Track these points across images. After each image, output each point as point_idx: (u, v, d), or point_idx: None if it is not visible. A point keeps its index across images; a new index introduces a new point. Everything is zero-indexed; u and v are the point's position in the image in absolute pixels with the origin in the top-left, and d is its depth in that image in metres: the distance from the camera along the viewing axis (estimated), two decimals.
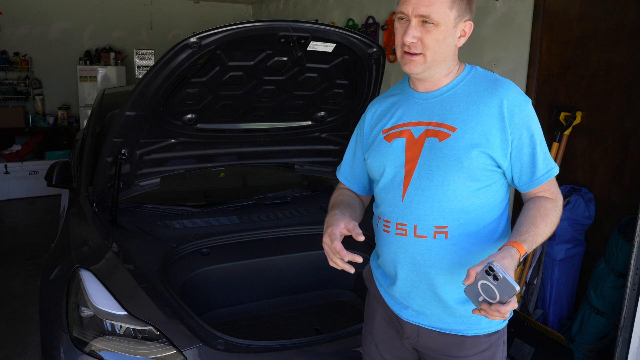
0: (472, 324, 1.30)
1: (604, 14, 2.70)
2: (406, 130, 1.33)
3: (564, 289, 2.85)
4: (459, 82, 1.31)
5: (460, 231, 1.26)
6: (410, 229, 1.29)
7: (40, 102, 6.69)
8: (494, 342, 1.33)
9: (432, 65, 1.25)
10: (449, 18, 1.22)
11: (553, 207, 1.25)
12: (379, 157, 1.37)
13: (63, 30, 6.80)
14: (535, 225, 1.20)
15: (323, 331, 2.12)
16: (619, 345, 2.22)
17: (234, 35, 1.83)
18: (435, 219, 1.26)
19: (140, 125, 2.15)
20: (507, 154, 1.24)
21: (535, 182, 1.26)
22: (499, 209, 1.31)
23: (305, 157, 2.79)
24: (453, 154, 1.24)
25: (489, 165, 1.25)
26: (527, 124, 1.24)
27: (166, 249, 2.17)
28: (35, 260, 4.09)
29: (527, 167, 1.26)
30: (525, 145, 1.24)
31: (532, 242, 1.17)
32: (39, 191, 5.93)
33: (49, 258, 2.17)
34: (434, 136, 1.28)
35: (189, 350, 1.62)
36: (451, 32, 1.24)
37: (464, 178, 1.24)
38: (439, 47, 1.23)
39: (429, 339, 1.34)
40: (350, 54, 2.09)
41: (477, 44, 3.50)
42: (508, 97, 1.24)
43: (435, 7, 1.20)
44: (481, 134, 1.23)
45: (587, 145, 2.83)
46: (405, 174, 1.31)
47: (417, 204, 1.28)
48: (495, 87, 1.27)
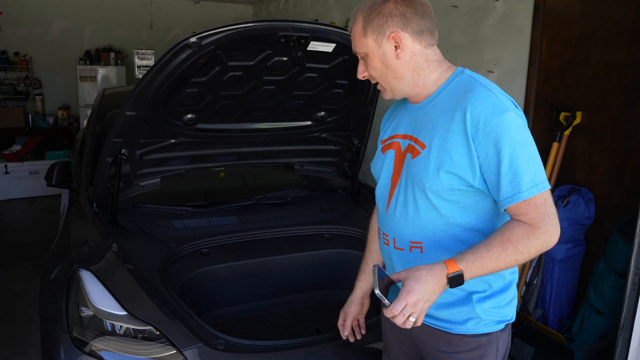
0: (457, 324, 1.30)
1: (604, 14, 2.69)
2: (395, 142, 1.35)
3: (564, 289, 2.85)
4: (441, 92, 1.26)
5: (436, 247, 1.26)
6: (391, 241, 1.34)
7: (40, 102, 6.69)
8: (484, 344, 1.31)
9: (393, 88, 1.28)
10: (370, 45, 1.24)
11: (525, 235, 1.12)
12: (374, 167, 1.43)
13: (63, 30, 6.80)
14: (489, 249, 1.12)
15: (323, 331, 2.12)
16: (619, 345, 2.22)
17: (234, 35, 1.83)
18: (409, 235, 1.29)
19: (140, 125, 2.14)
20: (475, 171, 1.16)
21: (502, 203, 1.15)
22: (485, 227, 1.25)
23: (305, 157, 2.79)
24: (420, 174, 1.23)
25: (460, 186, 1.19)
26: (495, 139, 1.12)
27: (166, 249, 2.17)
28: (35, 260, 4.08)
29: (494, 186, 1.16)
30: (492, 163, 1.14)
31: (474, 263, 1.11)
32: (39, 191, 5.92)
33: (49, 258, 2.17)
34: (410, 152, 1.28)
35: (189, 350, 1.62)
36: (380, 54, 1.24)
37: (431, 198, 1.22)
38: (382, 72, 1.27)
39: (421, 331, 1.36)
40: (350, 54, 2.08)
41: (477, 44, 3.49)
42: (472, 111, 1.14)
43: (356, 43, 1.27)
44: (446, 153, 1.18)
45: (587, 145, 2.82)
46: (391, 186, 1.35)
47: (395, 218, 1.32)
48: (463, 98, 1.18)
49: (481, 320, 1.28)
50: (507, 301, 1.32)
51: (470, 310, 1.28)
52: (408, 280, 1.12)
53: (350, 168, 2.82)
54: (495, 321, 1.30)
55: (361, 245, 2.63)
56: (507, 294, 1.32)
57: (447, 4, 3.65)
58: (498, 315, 1.30)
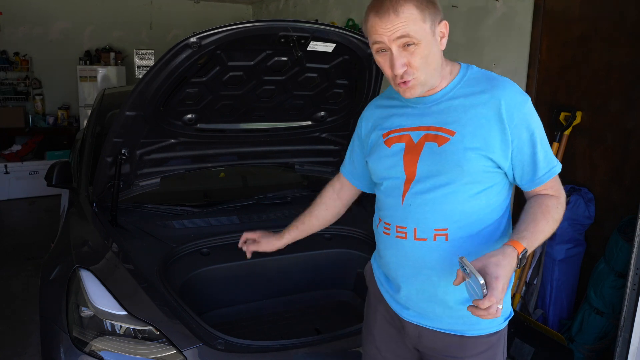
0: (472, 324, 1.30)
1: (604, 14, 2.70)
2: (405, 135, 1.33)
3: (564, 289, 2.85)
4: (456, 85, 1.28)
5: (461, 233, 1.26)
6: (410, 232, 1.30)
7: (40, 102, 6.69)
8: (495, 343, 1.33)
9: (427, 80, 1.24)
10: (426, 31, 1.18)
11: (555, 205, 1.24)
12: (379, 161, 1.38)
13: (63, 30, 6.80)
14: (536, 223, 1.19)
15: (323, 331, 2.12)
16: (619, 345, 2.22)
17: (234, 35, 1.83)
18: (435, 222, 1.27)
19: (140, 125, 2.14)
20: (507, 155, 1.23)
21: (537, 181, 1.26)
22: (500, 210, 1.31)
23: (305, 157, 2.78)
24: (453, 157, 1.24)
25: (490, 167, 1.24)
26: (527, 123, 1.23)
27: (166, 249, 2.17)
28: (35, 260, 4.08)
29: (529, 166, 1.25)
30: (526, 145, 1.23)
31: (531, 239, 1.15)
32: (39, 191, 5.91)
33: (49, 258, 2.17)
34: (434, 140, 1.27)
35: (189, 350, 1.62)
36: (433, 42, 1.21)
37: (464, 181, 1.24)
38: (427, 62, 1.21)
39: (430, 339, 1.34)
40: (350, 54, 2.09)
41: (477, 44, 3.50)
42: (506, 98, 1.22)
43: (410, 26, 1.16)
44: (480, 137, 1.22)
45: (587, 145, 2.83)
46: (406, 178, 1.31)
47: (417, 207, 1.29)
48: (493, 87, 1.25)
49: (493, 319, 1.28)
50: (509, 296, 1.35)
51: None
52: (488, 268, 1.05)
53: None
54: (503, 318, 1.33)
55: (361, 245, 2.65)
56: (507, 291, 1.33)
57: (447, 4, 3.65)
58: (504, 312, 1.33)
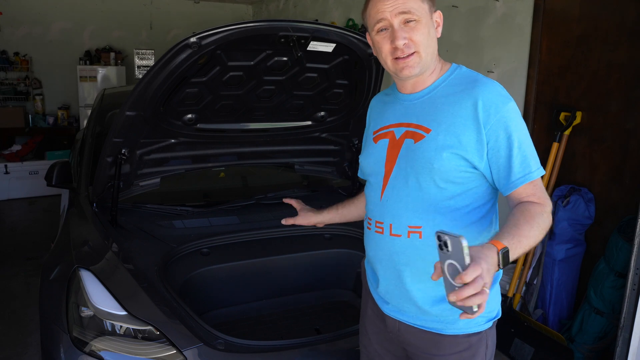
0: (449, 323, 1.29)
1: (604, 14, 2.70)
2: (390, 131, 1.36)
3: (564, 289, 2.85)
4: (442, 83, 1.30)
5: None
6: (387, 228, 1.32)
7: (40, 102, 6.69)
8: (474, 343, 1.31)
9: (426, 61, 1.27)
10: (425, 10, 1.25)
11: (539, 212, 1.17)
12: (366, 157, 1.43)
13: (63, 30, 6.80)
14: (518, 227, 1.12)
15: (323, 331, 2.12)
16: (619, 345, 2.22)
17: (234, 35, 1.83)
18: (409, 219, 1.28)
19: (140, 125, 2.14)
20: (483, 155, 1.22)
21: (512, 185, 1.21)
22: (480, 212, 1.29)
23: (305, 157, 2.79)
24: (425, 155, 1.25)
25: (464, 167, 1.23)
26: (505, 125, 1.20)
27: (166, 249, 2.16)
28: (35, 260, 4.08)
29: (504, 169, 1.22)
30: (502, 147, 1.21)
31: (513, 240, 1.08)
32: (39, 191, 5.92)
33: (49, 258, 2.17)
34: (411, 137, 1.29)
35: (189, 350, 1.62)
36: (430, 25, 1.27)
37: (437, 180, 1.24)
38: (427, 41, 1.26)
39: (408, 334, 1.35)
40: (350, 54, 2.09)
41: (477, 44, 3.50)
42: (483, 98, 1.21)
43: (411, 3, 1.23)
44: (454, 136, 1.22)
45: (587, 145, 2.83)
46: (385, 173, 1.34)
47: (393, 203, 1.31)
48: (473, 87, 1.25)
49: (472, 319, 1.28)
50: (494, 298, 1.33)
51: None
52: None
53: (350, 168, 2.82)
54: (485, 319, 1.31)
55: (361, 245, 2.64)
56: (493, 291, 1.33)
57: (447, 4, 3.65)
58: (487, 313, 1.31)
